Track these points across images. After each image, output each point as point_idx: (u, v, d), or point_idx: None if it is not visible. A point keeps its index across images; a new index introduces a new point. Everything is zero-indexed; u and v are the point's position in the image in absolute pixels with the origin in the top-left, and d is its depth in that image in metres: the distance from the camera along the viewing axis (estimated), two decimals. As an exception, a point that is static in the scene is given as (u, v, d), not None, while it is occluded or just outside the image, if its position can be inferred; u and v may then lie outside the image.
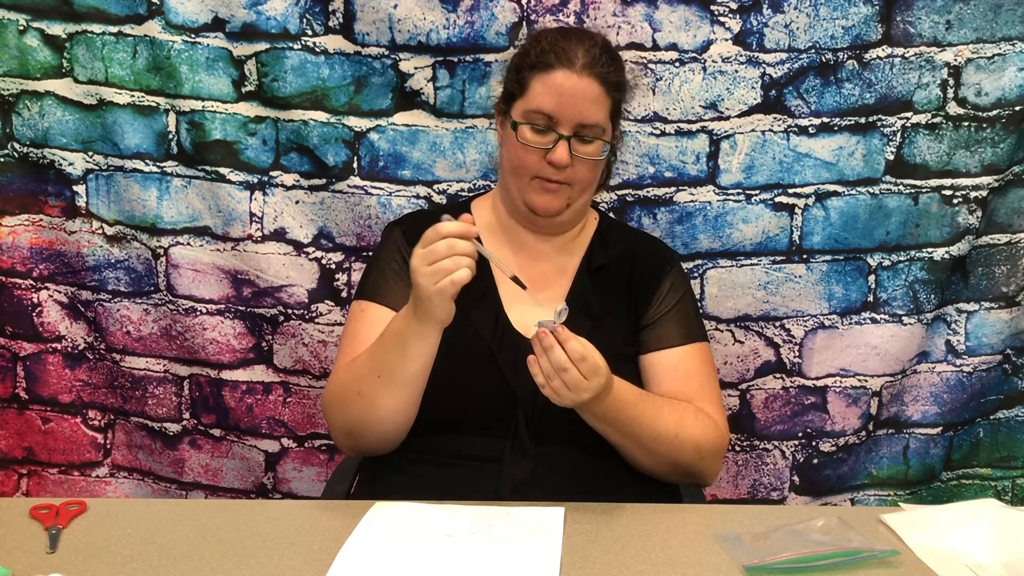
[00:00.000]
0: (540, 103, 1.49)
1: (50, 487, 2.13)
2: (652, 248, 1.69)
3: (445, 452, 1.48)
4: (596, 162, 1.53)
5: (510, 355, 1.51)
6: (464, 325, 1.52)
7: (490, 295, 1.56)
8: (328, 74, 1.90)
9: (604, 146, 1.52)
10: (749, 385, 2.04)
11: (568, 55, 1.48)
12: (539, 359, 1.32)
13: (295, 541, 1.25)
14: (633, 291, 1.60)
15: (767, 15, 1.87)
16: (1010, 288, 2.02)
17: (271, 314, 2.01)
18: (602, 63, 1.49)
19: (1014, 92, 1.89)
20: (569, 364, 1.30)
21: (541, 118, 1.49)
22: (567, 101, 1.47)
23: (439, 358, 1.51)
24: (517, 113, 1.52)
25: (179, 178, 1.97)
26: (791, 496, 2.09)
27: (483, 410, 1.49)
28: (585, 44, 1.50)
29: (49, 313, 2.05)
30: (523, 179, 1.53)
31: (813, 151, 1.92)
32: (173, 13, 1.89)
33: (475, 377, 1.50)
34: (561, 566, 1.19)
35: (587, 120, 1.48)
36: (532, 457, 1.46)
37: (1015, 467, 2.13)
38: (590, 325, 1.54)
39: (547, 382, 1.32)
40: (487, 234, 1.62)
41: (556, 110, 1.48)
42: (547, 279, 1.60)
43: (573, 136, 1.49)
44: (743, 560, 1.21)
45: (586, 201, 1.60)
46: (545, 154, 1.49)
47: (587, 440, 1.48)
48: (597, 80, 1.48)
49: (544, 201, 1.53)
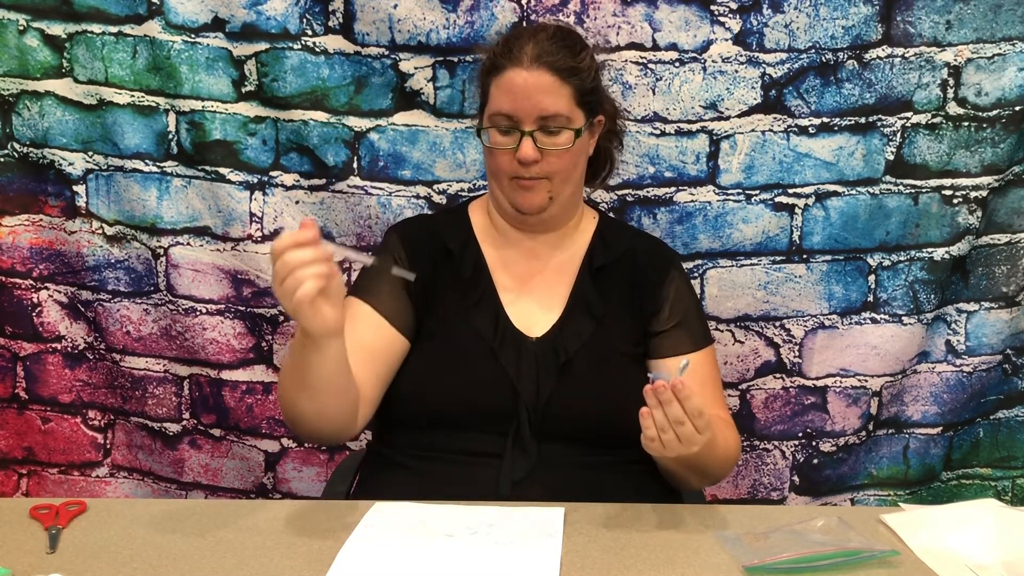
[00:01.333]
0: (498, 105, 1.49)
1: (50, 487, 2.13)
2: (653, 248, 1.69)
3: (446, 448, 1.48)
4: (570, 152, 1.51)
5: (512, 354, 1.51)
6: (465, 326, 1.53)
7: (489, 295, 1.56)
8: (328, 74, 1.90)
9: (574, 135, 1.51)
10: (749, 385, 2.04)
11: (515, 53, 1.48)
12: (653, 411, 1.26)
13: (295, 541, 1.25)
14: (637, 292, 1.60)
15: (767, 15, 1.87)
16: (1010, 288, 2.02)
17: (271, 314, 2.01)
18: (550, 52, 1.48)
19: (1014, 92, 1.89)
20: (686, 418, 1.26)
21: (503, 119, 1.49)
22: (520, 97, 1.47)
23: (440, 360, 1.53)
24: (485, 119, 1.53)
25: (179, 178, 1.97)
26: (791, 496, 2.09)
27: (485, 409, 1.49)
28: (535, 37, 1.49)
29: (49, 313, 2.05)
30: (502, 181, 1.54)
31: (813, 151, 1.92)
32: (173, 13, 1.89)
33: (477, 377, 1.50)
34: (561, 566, 1.19)
35: (546, 111, 1.48)
36: (533, 455, 1.46)
37: (1015, 467, 2.13)
38: (593, 326, 1.55)
39: (659, 434, 1.27)
40: (484, 237, 1.62)
41: (513, 108, 1.48)
42: (546, 279, 1.60)
43: (537, 130, 1.48)
44: (743, 560, 1.21)
45: (572, 193, 1.59)
46: (514, 153, 1.50)
47: (587, 438, 1.48)
48: (547, 69, 1.47)
49: (525, 199, 1.53)
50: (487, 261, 1.60)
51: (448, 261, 1.59)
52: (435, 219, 1.72)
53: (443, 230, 1.62)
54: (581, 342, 1.53)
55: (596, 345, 1.54)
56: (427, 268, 1.56)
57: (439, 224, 1.65)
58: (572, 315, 1.56)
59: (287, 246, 1.20)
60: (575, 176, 1.57)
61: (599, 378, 1.52)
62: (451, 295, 1.56)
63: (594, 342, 1.54)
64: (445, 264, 1.59)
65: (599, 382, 1.52)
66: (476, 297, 1.56)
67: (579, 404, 1.50)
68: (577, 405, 1.49)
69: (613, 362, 1.55)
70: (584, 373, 1.51)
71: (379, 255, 1.57)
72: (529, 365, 1.50)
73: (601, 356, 1.54)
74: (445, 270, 1.58)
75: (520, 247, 1.61)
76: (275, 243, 1.22)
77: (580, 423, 1.49)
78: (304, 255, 1.20)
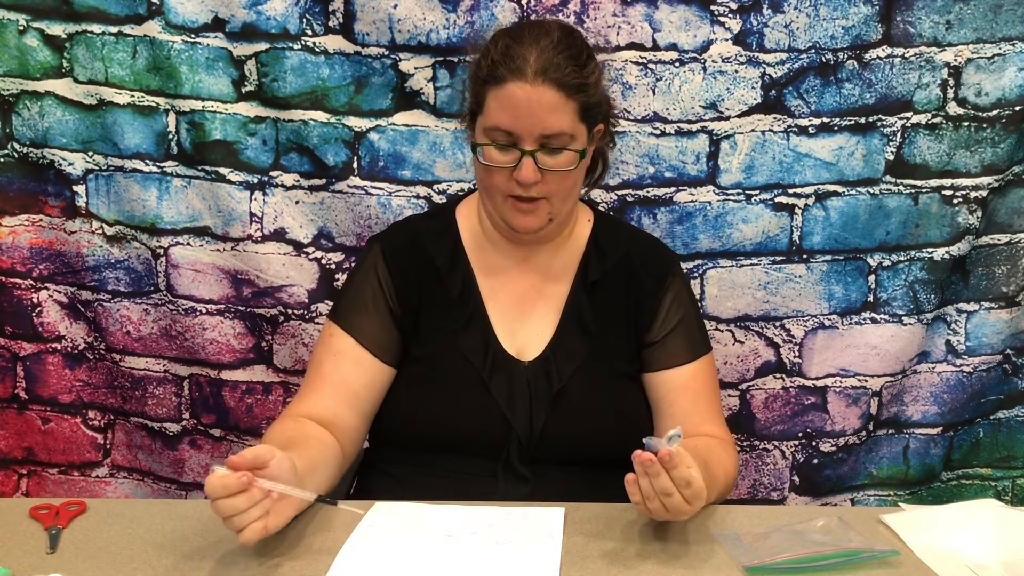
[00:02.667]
0: (496, 119, 1.37)
1: (50, 487, 2.13)
2: (650, 253, 1.60)
3: (438, 466, 1.46)
4: (570, 172, 1.41)
5: (503, 382, 1.46)
6: (453, 351, 1.48)
7: (479, 317, 1.50)
8: (328, 74, 1.90)
9: (578, 156, 1.40)
10: (749, 385, 2.04)
11: (517, 63, 1.35)
12: (640, 479, 1.20)
13: (295, 541, 1.25)
14: (633, 304, 1.54)
15: (767, 15, 1.87)
16: (1010, 288, 2.02)
17: (271, 314, 2.01)
18: (556, 66, 1.36)
19: (1014, 92, 1.89)
20: (674, 490, 1.19)
21: (501, 135, 1.38)
22: (523, 114, 1.35)
23: (428, 386, 1.47)
24: (479, 132, 1.41)
25: (179, 178, 1.97)
26: (791, 496, 2.09)
27: (475, 437, 1.45)
28: (539, 45, 1.37)
29: (49, 313, 2.05)
30: (496, 199, 1.44)
31: (813, 151, 1.92)
32: (173, 13, 1.89)
33: (467, 407, 1.46)
34: (561, 566, 1.19)
35: (549, 130, 1.36)
36: (529, 479, 1.44)
37: (1015, 467, 2.13)
38: (588, 344, 1.50)
39: (644, 502, 1.21)
40: (473, 246, 1.54)
41: (513, 125, 1.36)
42: (538, 290, 1.54)
43: (539, 149, 1.38)
44: (743, 560, 1.21)
45: (570, 209, 1.51)
46: (512, 172, 1.39)
47: (582, 461, 1.46)
48: (553, 86, 1.35)
49: (522, 222, 1.44)
50: (476, 278, 1.53)
51: (435, 278, 1.52)
52: (420, 227, 1.58)
53: (429, 242, 1.54)
54: (575, 365, 1.48)
55: (591, 367, 1.49)
56: (413, 288, 1.51)
57: (425, 234, 1.55)
58: (565, 334, 1.50)
59: (219, 496, 1.12)
60: (575, 192, 1.48)
61: (594, 403, 1.48)
62: (438, 316, 1.50)
63: (589, 363, 1.49)
64: (432, 281, 1.52)
65: (594, 407, 1.48)
66: (464, 319, 1.49)
67: (574, 431, 1.46)
68: (572, 432, 1.46)
69: (609, 384, 1.50)
70: (578, 399, 1.47)
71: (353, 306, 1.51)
72: (521, 392, 1.46)
73: (596, 378, 1.49)
74: (432, 288, 1.52)
75: (511, 256, 1.54)
76: (207, 485, 1.13)
77: (575, 449, 1.45)
78: (237, 504, 1.13)
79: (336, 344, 1.50)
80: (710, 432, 1.50)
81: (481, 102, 1.40)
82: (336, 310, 1.55)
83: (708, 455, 1.38)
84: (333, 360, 1.49)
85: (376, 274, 1.53)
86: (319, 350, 1.53)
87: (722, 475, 1.43)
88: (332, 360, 1.49)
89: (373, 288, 1.52)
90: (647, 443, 1.20)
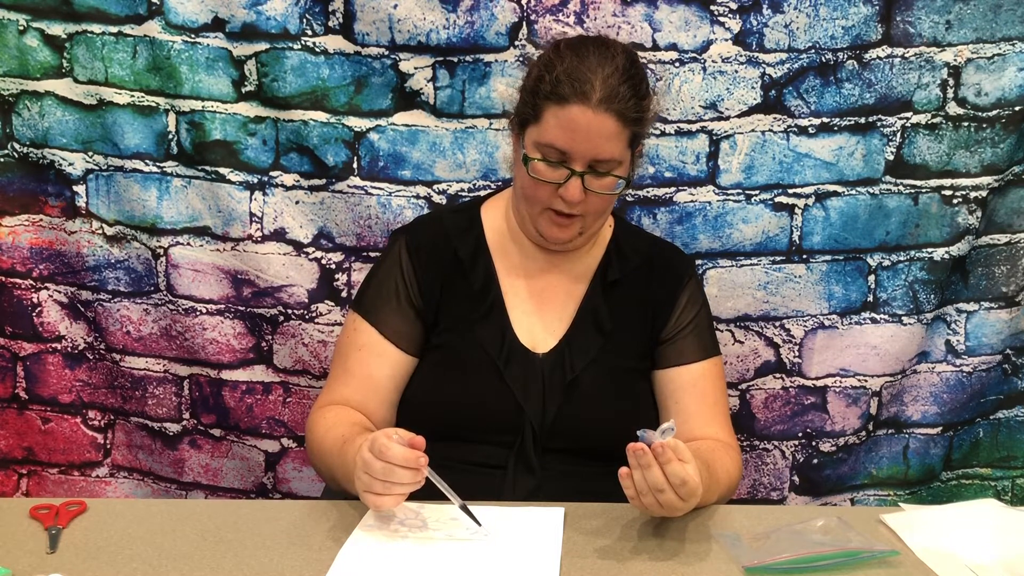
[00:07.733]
0: (553, 137, 1.41)
1: (50, 487, 2.13)
2: (669, 259, 1.65)
3: (449, 458, 1.46)
4: (611, 195, 1.47)
5: (518, 371, 1.50)
6: (470, 340, 1.52)
7: (497, 310, 1.55)
8: (328, 74, 1.90)
9: (620, 180, 1.45)
10: (749, 385, 2.04)
11: (583, 88, 1.38)
12: (633, 473, 1.21)
13: (295, 541, 1.26)
14: (649, 305, 1.58)
15: (767, 15, 1.87)
16: (1010, 288, 2.02)
17: (271, 314, 2.01)
18: (620, 96, 1.39)
19: (1014, 92, 1.89)
20: (666, 486, 1.20)
21: (554, 152, 1.42)
22: (580, 138, 1.40)
23: (446, 373, 1.51)
24: (529, 143, 1.45)
25: (179, 178, 1.97)
26: (791, 496, 2.09)
27: (489, 421, 1.48)
28: (604, 71, 1.40)
29: (49, 313, 2.05)
30: (534, 209, 1.49)
31: (813, 151, 1.92)
32: (173, 13, 1.89)
33: (482, 393, 1.49)
34: (561, 566, 1.19)
35: (602, 155, 1.41)
36: (536, 469, 1.46)
37: (1015, 467, 2.13)
38: (601, 340, 1.53)
39: (639, 497, 1.22)
40: (496, 244, 1.59)
41: (569, 146, 1.41)
42: (558, 289, 1.58)
43: (587, 172, 1.42)
44: (743, 560, 1.21)
45: (601, 225, 1.56)
46: (557, 188, 1.44)
47: (593, 452, 1.47)
48: (614, 116, 1.39)
49: (556, 234, 1.50)
50: (498, 273, 1.57)
51: (458, 270, 1.56)
52: (444, 220, 1.64)
53: (454, 234, 1.59)
54: (588, 358, 1.52)
55: (603, 361, 1.52)
56: (436, 282, 1.56)
57: (449, 227, 1.61)
58: (580, 329, 1.54)
59: (398, 464, 1.23)
60: (608, 211, 1.54)
61: (606, 395, 1.51)
62: (459, 307, 1.55)
63: (601, 358, 1.52)
64: (455, 273, 1.57)
65: (605, 399, 1.51)
66: (484, 310, 1.54)
67: (585, 421, 1.49)
68: (583, 422, 1.49)
69: (620, 378, 1.53)
70: (590, 390, 1.50)
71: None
72: (535, 381, 1.49)
73: (608, 372, 1.52)
74: (454, 280, 1.56)
75: (534, 258, 1.59)
76: (391, 450, 1.23)
77: (586, 439, 1.48)
78: (403, 476, 1.23)
79: (361, 338, 1.54)
80: (715, 436, 1.52)
81: (539, 115, 1.43)
82: (360, 302, 1.59)
83: (710, 456, 1.41)
84: (358, 355, 1.54)
85: (400, 267, 1.57)
86: (343, 342, 1.58)
87: (724, 477, 1.44)
88: (357, 354, 1.54)
89: (397, 281, 1.57)
90: (641, 435, 1.21)
